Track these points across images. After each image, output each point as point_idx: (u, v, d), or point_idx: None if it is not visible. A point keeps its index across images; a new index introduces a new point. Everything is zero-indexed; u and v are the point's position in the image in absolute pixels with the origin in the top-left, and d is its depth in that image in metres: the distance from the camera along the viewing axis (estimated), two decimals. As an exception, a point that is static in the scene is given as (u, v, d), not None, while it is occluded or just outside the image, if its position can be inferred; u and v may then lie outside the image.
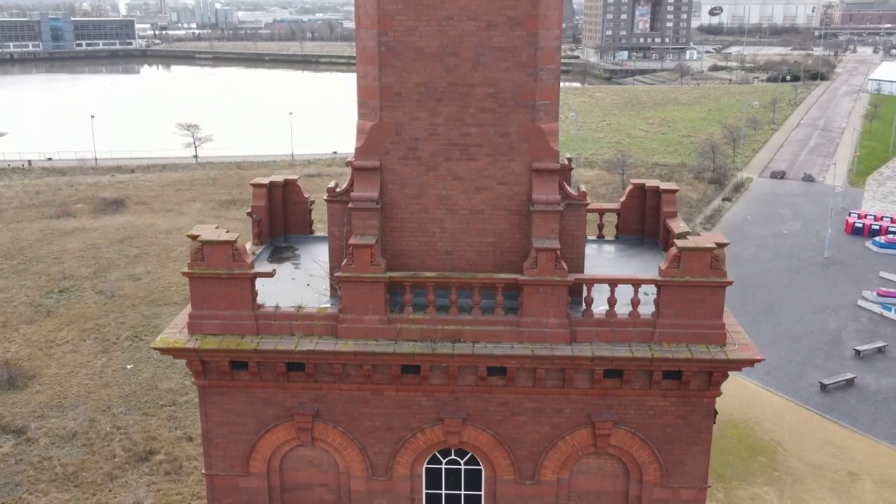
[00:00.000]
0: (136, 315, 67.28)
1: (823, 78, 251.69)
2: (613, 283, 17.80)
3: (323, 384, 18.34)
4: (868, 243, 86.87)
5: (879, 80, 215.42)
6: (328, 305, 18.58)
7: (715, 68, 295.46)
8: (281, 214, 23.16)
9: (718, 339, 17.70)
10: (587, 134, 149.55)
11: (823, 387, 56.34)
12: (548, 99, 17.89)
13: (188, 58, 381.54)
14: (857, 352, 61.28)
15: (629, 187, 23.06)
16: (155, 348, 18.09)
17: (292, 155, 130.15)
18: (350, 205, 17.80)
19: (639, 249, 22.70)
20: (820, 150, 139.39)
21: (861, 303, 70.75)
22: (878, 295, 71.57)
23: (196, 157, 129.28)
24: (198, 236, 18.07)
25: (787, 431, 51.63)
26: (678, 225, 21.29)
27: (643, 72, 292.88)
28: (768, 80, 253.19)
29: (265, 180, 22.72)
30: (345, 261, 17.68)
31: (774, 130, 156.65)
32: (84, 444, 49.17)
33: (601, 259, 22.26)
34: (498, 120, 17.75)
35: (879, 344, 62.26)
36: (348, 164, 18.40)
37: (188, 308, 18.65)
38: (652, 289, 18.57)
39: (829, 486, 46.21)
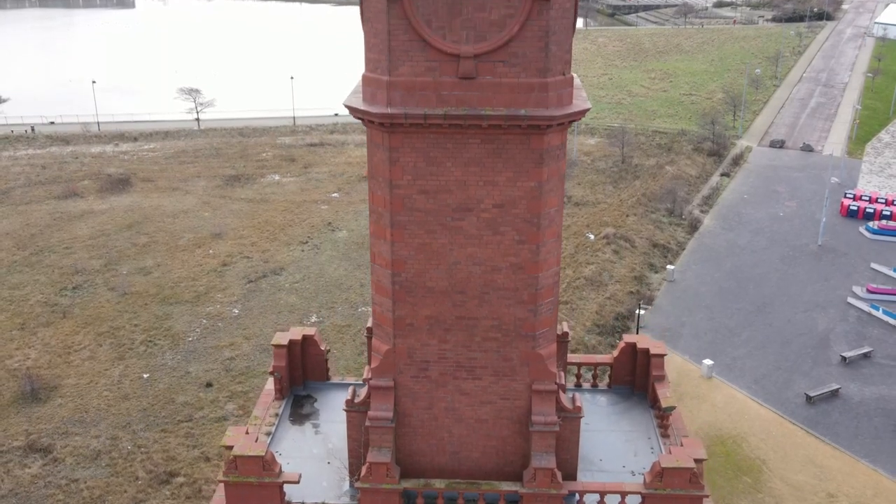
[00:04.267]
0: (149, 316, 69.52)
1: (829, 18, 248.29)
2: (603, 492, 19.93)
3: (345, 569, 20.73)
4: (861, 228, 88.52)
5: (886, 25, 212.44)
6: (348, 500, 20.78)
7: (720, 4, 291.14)
8: (300, 366, 25.09)
9: (696, 540, 19.96)
10: (588, 91, 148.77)
11: (809, 398, 58.97)
12: (546, 327, 19.71)
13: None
14: (844, 358, 63.73)
15: (622, 344, 24.94)
16: (196, 546, 20.29)
17: (294, 119, 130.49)
18: (367, 423, 19.80)
19: (629, 404, 24.77)
20: (821, 110, 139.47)
21: (850, 300, 72.90)
22: (868, 291, 73.70)
23: (198, 120, 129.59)
24: (232, 447, 20.07)
25: (772, 448, 54.45)
26: (665, 395, 23.34)
27: (647, 7, 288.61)
28: (773, 19, 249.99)
29: (285, 340, 24.61)
30: (364, 471, 19.79)
31: (777, 87, 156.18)
32: (108, 464, 52.01)
33: (594, 414, 24.36)
34: (501, 347, 19.62)
35: (865, 349, 64.65)
36: (365, 381, 20.36)
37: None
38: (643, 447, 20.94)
39: (809, 510, 49.27)
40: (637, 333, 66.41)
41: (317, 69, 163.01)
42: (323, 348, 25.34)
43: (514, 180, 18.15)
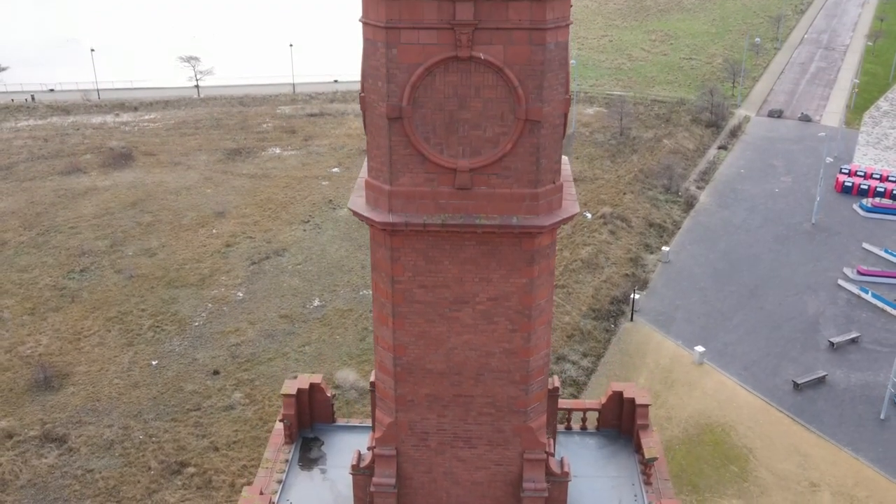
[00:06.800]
0: (156, 300, 71.21)
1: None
2: (588, 552, 21.80)
3: None
4: (855, 206, 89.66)
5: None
6: (356, 555, 22.67)
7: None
8: (308, 411, 26.79)
9: (672, 591, 21.89)
10: (587, 55, 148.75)
11: (796, 385, 60.96)
12: (537, 402, 21.31)
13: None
14: (832, 343, 65.55)
15: (609, 392, 26.58)
16: None
17: (293, 86, 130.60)
18: (372, 488, 21.55)
19: (615, 447, 26.51)
20: (821, 76, 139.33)
21: (841, 282, 74.46)
22: (859, 273, 75.23)
23: (197, 87, 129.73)
24: (247, 509, 21.84)
25: (759, 437, 56.63)
26: (649, 445, 25.07)
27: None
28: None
29: (293, 389, 26.25)
30: (369, 531, 21.62)
31: (777, 49, 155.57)
32: (121, 454, 54.22)
33: (583, 457, 26.13)
34: (495, 421, 21.25)
35: (853, 335, 66.41)
36: (369, 449, 22.05)
37: (239, 549, 22.69)
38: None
39: (792, 499, 51.58)
40: (632, 319, 68.38)
41: (315, 35, 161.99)
42: (329, 394, 26.98)
43: (507, 277, 19.56)
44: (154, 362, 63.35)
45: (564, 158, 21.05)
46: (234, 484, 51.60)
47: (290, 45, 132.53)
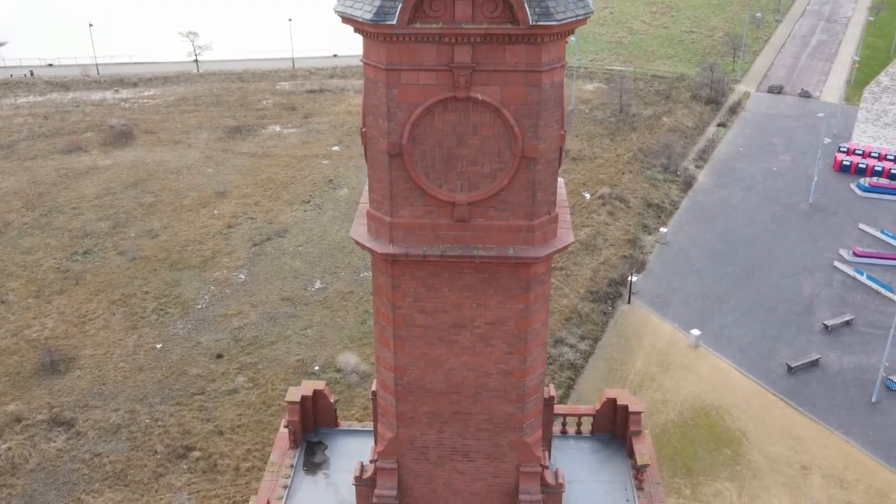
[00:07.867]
0: (159, 282, 72.04)
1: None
2: (582, 561, 22.82)
3: None
4: (852, 185, 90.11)
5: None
6: (359, 566, 23.68)
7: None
8: (311, 417, 27.72)
9: None
10: (588, 29, 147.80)
11: (790, 368, 61.99)
12: (533, 418, 22.18)
13: None
14: (826, 326, 66.48)
15: (603, 398, 27.47)
16: None
17: (293, 62, 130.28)
18: (374, 500, 22.50)
19: (609, 451, 27.48)
20: (822, 50, 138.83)
21: (837, 263, 75.19)
22: (854, 254, 75.94)
23: (196, 62, 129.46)
24: (255, 520, 22.80)
25: (752, 420, 57.78)
26: (641, 451, 26.03)
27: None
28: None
29: (297, 396, 27.14)
30: (372, 541, 22.61)
31: (779, 22, 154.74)
32: (127, 438, 55.41)
33: (578, 462, 27.13)
34: (492, 436, 22.14)
35: (847, 317, 67.32)
36: (371, 461, 22.97)
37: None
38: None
39: (783, 482, 52.87)
40: (629, 301, 69.26)
41: (314, 9, 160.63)
42: (332, 400, 27.87)
43: (504, 303, 20.30)
44: (158, 346, 64.35)
45: (560, 181, 21.72)
46: (238, 468, 52.86)
47: (290, 20, 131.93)
